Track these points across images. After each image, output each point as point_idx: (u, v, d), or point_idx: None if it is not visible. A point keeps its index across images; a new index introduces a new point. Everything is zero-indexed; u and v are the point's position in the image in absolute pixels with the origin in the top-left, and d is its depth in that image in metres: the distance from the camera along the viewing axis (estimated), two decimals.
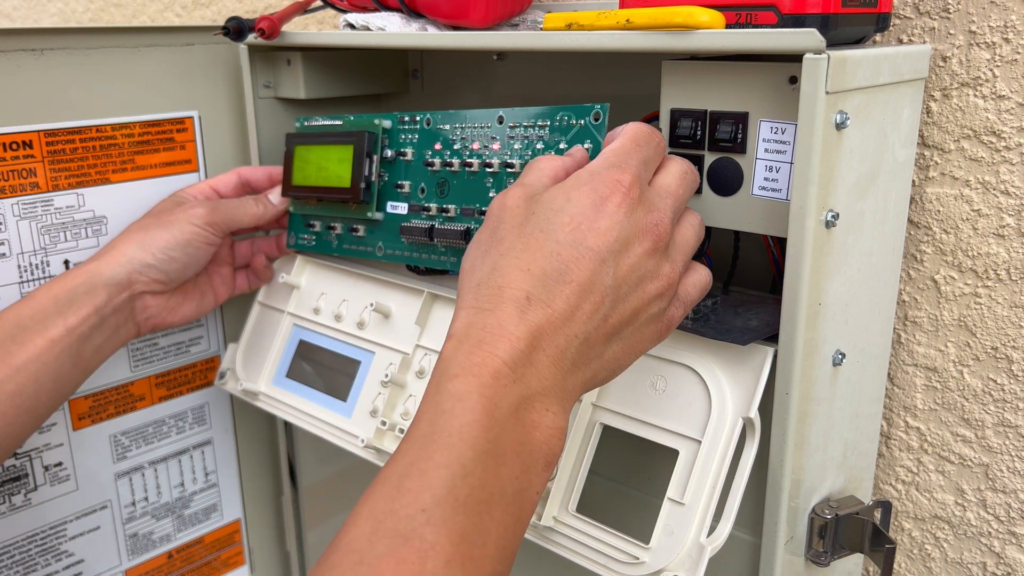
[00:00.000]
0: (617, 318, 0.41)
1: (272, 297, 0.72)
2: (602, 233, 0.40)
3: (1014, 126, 0.51)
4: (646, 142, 0.44)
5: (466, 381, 0.37)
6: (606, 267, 0.40)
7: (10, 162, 0.63)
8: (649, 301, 0.42)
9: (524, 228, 0.41)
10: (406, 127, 0.61)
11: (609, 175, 0.42)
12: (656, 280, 0.42)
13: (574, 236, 0.40)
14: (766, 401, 0.46)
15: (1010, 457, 0.55)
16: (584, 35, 0.48)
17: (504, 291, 0.39)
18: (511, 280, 0.39)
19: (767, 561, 0.48)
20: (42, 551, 0.70)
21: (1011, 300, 0.53)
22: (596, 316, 0.40)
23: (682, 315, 0.45)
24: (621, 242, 0.40)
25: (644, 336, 0.43)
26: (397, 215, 0.62)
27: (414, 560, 0.34)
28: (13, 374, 0.56)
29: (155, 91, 0.70)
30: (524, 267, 0.40)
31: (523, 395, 0.38)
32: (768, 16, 0.45)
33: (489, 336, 0.38)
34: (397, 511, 0.35)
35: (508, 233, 0.42)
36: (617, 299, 0.40)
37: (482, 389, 0.37)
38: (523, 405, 0.38)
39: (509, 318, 0.38)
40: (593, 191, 0.41)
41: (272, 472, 0.85)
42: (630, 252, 0.41)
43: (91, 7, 1.23)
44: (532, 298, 0.39)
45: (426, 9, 0.60)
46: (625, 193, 0.41)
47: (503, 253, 0.41)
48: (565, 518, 0.51)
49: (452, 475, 0.35)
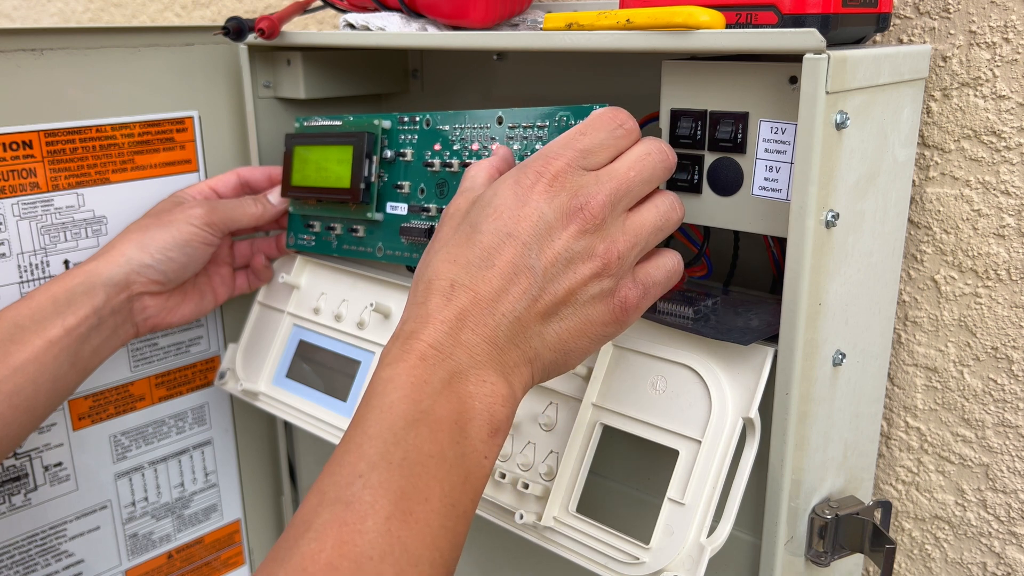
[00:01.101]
0: (549, 299, 0.42)
1: (272, 297, 0.72)
2: (522, 219, 0.42)
3: (1014, 126, 0.51)
4: (596, 128, 0.45)
5: (395, 367, 0.41)
6: (529, 251, 0.42)
7: (10, 162, 0.63)
8: (584, 281, 0.43)
9: (459, 227, 0.45)
10: (406, 127, 0.61)
11: (533, 166, 0.44)
12: (589, 261, 0.43)
13: (496, 224, 0.43)
14: (766, 401, 0.46)
15: (1010, 457, 0.55)
16: (584, 35, 0.48)
17: (432, 283, 0.43)
18: (439, 272, 0.43)
19: (767, 561, 0.48)
20: (42, 551, 0.70)
21: (1011, 300, 0.53)
22: (525, 297, 0.42)
23: (640, 296, 0.45)
24: (543, 227, 0.42)
25: (590, 317, 0.44)
26: (397, 215, 0.62)
27: (355, 520, 0.37)
28: (11, 374, 0.56)
29: (155, 91, 0.70)
30: (451, 259, 0.43)
31: (453, 370, 0.41)
32: (768, 16, 0.45)
33: (418, 325, 0.42)
34: (338, 482, 0.38)
35: (444, 235, 0.45)
36: (547, 280, 0.42)
37: (410, 370, 0.40)
38: (455, 379, 0.41)
39: (436, 306, 0.42)
40: (516, 183, 0.44)
41: (272, 472, 0.85)
42: (554, 236, 0.42)
43: (91, 7, 1.23)
44: (456, 284, 0.42)
45: (426, 9, 0.60)
46: (550, 180, 0.43)
47: (436, 251, 0.44)
48: (565, 518, 0.51)
49: (384, 442, 0.39)
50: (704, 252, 0.55)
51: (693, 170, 0.49)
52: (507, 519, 0.54)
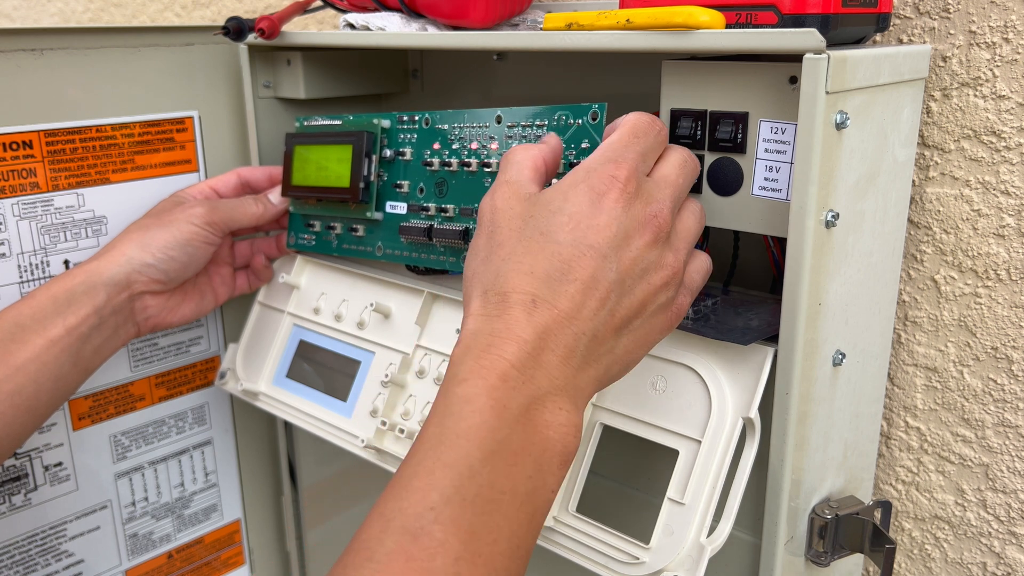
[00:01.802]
0: (624, 311, 0.41)
1: (272, 297, 0.72)
2: (601, 229, 0.40)
3: (1014, 126, 0.51)
4: (644, 133, 0.44)
5: (474, 384, 0.38)
6: (608, 262, 0.40)
7: (10, 162, 0.63)
8: (656, 291, 0.42)
9: (524, 231, 0.42)
10: (405, 127, 0.61)
11: (604, 170, 0.42)
12: (660, 270, 0.42)
13: (574, 235, 0.40)
14: (766, 401, 0.46)
15: (1010, 457, 0.55)
16: (584, 35, 0.48)
17: (510, 296, 0.40)
18: (516, 284, 0.40)
19: (767, 561, 0.48)
20: (42, 551, 0.70)
21: (1011, 300, 0.53)
22: (603, 311, 0.40)
23: (689, 302, 0.45)
24: (621, 236, 0.41)
25: (654, 326, 0.43)
26: (396, 215, 0.62)
27: (423, 557, 0.34)
28: (12, 374, 0.56)
29: (155, 91, 0.70)
30: (527, 270, 0.40)
31: (533, 395, 0.38)
32: (768, 16, 0.45)
33: (497, 340, 0.39)
34: (405, 509, 0.35)
35: (507, 238, 0.42)
36: (623, 292, 0.41)
37: (490, 391, 0.38)
38: (534, 405, 0.38)
39: (516, 321, 0.39)
40: (590, 188, 0.41)
41: (272, 472, 0.85)
42: (631, 245, 0.41)
43: (91, 7, 1.23)
44: (538, 300, 0.39)
45: (426, 9, 0.60)
46: (622, 188, 0.41)
47: (504, 258, 0.41)
48: (565, 518, 0.51)
49: (459, 474, 0.36)
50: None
51: None
52: None
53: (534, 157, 0.45)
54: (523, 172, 0.45)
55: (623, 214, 0.41)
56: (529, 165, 0.45)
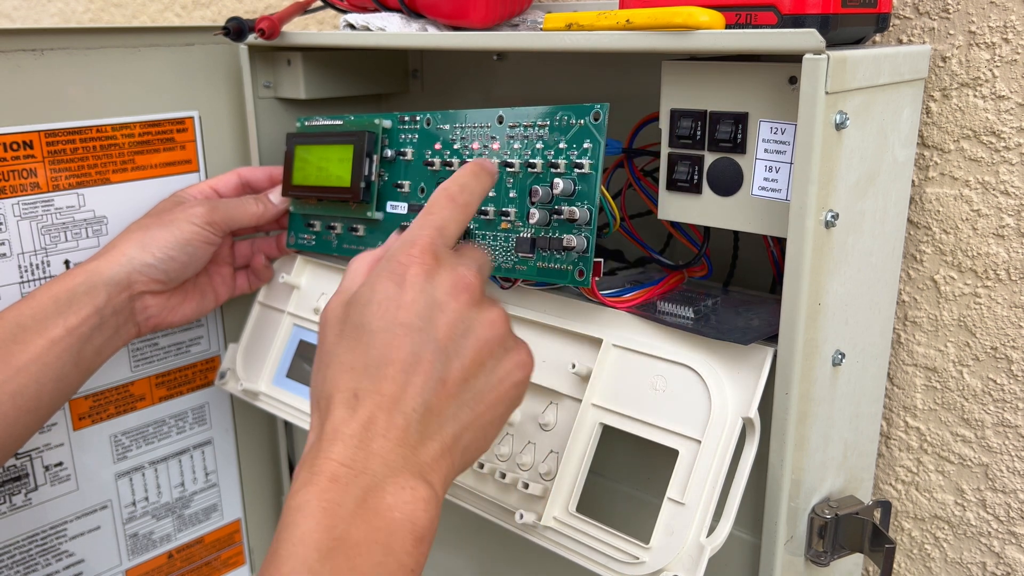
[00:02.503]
0: (456, 374, 0.42)
1: (272, 297, 0.72)
2: (409, 306, 0.42)
3: (1014, 126, 0.51)
4: (440, 206, 0.46)
5: (305, 492, 0.38)
6: (423, 335, 0.41)
7: (10, 162, 0.63)
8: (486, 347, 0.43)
9: (343, 332, 0.43)
10: (406, 127, 0.61)
11: (401, 252, 0.44)
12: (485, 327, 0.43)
13: (384, 320, 0.42)
14: (766, 401, 0.46)
15: (1010, 457, 0.55)
16: (584, 35, 0.48)
17: (333, 397, 0.41)
18: (339, 384, 0.41)
19: (767, 561, 0.48)
20: (42, 551, 0.70)
21: (1011, 300, 0.53)
22: (431, 381, 0.41)
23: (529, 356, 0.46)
24: (429, 307, 0.42)
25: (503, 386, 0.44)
26: (397, 215, 0.62)
27: None
28: (14, 374, 0.56)
29: (155, 91, 0.70)
30: (348, 367, 0.41)
31: (368, 486, 0.39)
32: (768, 16, 0.45)
33: (325, 443, 0.40)
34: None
35: (330, 344, 0.43)
36: (449, 356, 0.42)
37: (320, 494, 0.38)
38: (370, 494, 0.38)
39: (341, 419, 0.40)
40: (391, 272, 0.43)
41: (272, 472, 0.85)
42: (444, 311, 0.42)
43: (91, 7, 1.24)
44: (359, 392, 0.40)
45: (426, 9, 0.60)
46: (419, 263, 0.43)
47: (328, 362, 0.43)
48: (565, 518, 0.51)
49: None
50: (704, 252, 0.55)
51: (693, 170, 0.49)
52: (507, 519, 0.54)
53: (369, 261, 0.47)
54: (355, 279, 0.46)
55: (427, 285, 0.42)
56: (363, 270, 0.46)
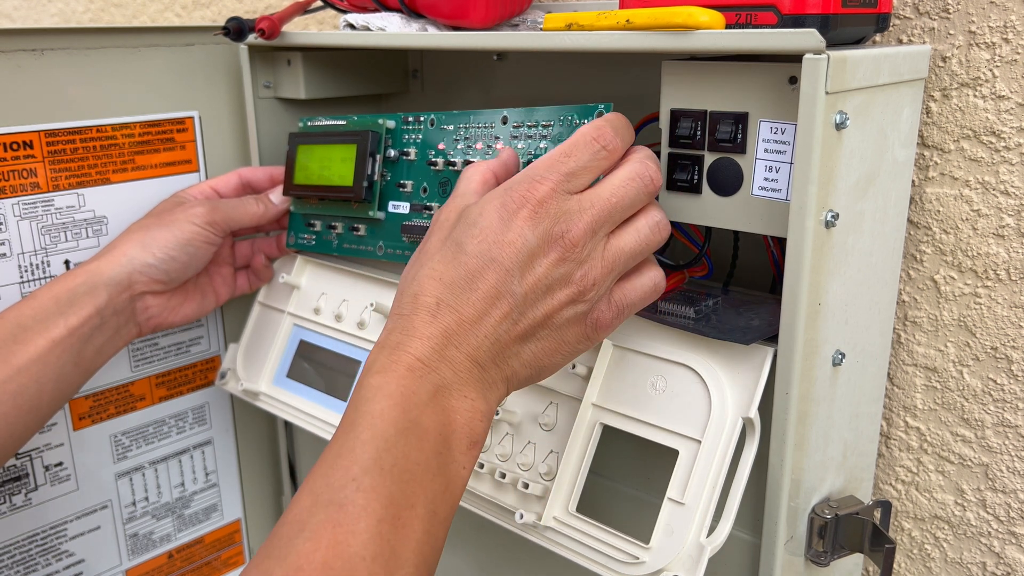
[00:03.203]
0: (527, 323, 0.44)
1: (272, 297, 0.72)
2: (506, 245, 0.43)
3: (1014, 126, 0.51)
4: (580, 150, 0.45)
5: (384, 376, 0.42)
6: (512, 277, 0.43)
7: (10, 162, 0.63)
8: (560, 307, 0.44)
9: (445, 241, 0.45)
10: (410, 127, 0.61)
11: (519, 189, 0.44)
12: (566, 287, 0.44)
13: (480, 248, 0.43)
14: (766, 401, 0.46)
15: (1010, 457, 0.55)
16: (584, 35, 0.48)
17: (419, 298, 0.44)
18: (425, 288, 0.44)
19: (767, 561, 0.48)
20: (42, 551, 0.70)
21: (1011, 300, 0.53)
22: (506, 321, 0.43)
23: (612, 317, 0.46)
24: (526, 254, 0.43)
25: (565, 338, 0.45)
26: (399, 214, 0.62)
27: (348, 522, 0.38)
28: (15, 374, 0.56)
29: (155, 91, 0.70)
30: (437, 276, 0.44)
31: (438, 384, 0.42)
32: (768, 16, 0.45)
33: (405, 338, 0.43)
34: (331, 483, 0.39)
35: (431, 247, 0.46)
36: (526, 306, 0.44)
37: (398, 380, 0.42)
38: (440, 393, 0.42)
39: (422, 321, 0.43)
40: (503, 206, 0.44)
41: (272, 472, 0.85)
42: (536, 263, 0.43)
43: (91, 7, 1.24)
44: (441, 303, 0.43)
45: (426, 9, 0.60)
46: (535, 206, 0.44)
47: (422, 264, 0.45)
48: (565, 518, 0.51)
49: (376, 448, 0.40)
50: (704, 252, 0.55)
51: (693, 170, 0.49)
52: (507, 519, 0.54)
53: (483, 172, 0.49)
54: (470, 185, 0.48)
55: (530, 233, 0.43)
56: (478, 179, 0.48)
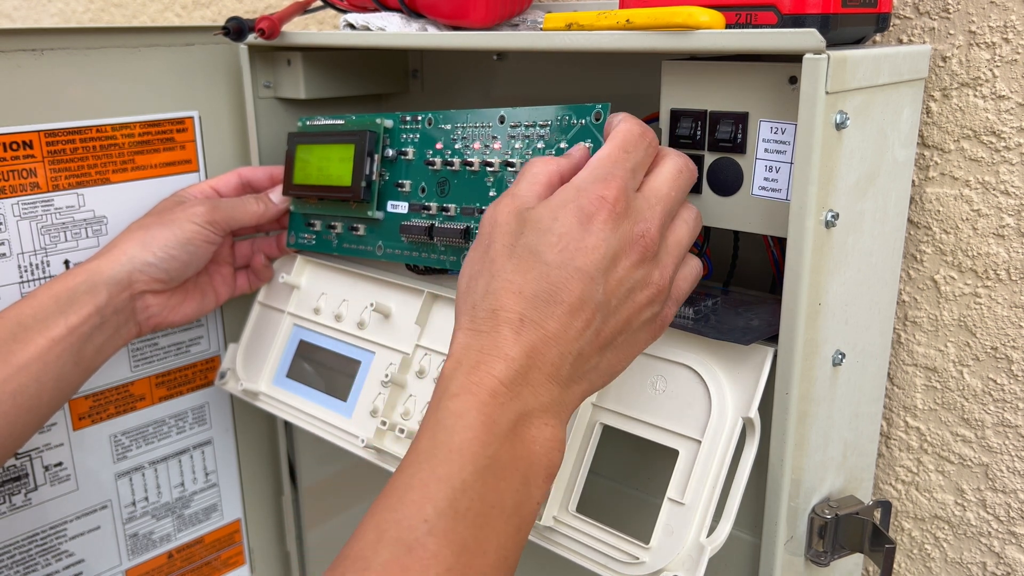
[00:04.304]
0: (610, 330, 0.42)
1: (272, 297, 0.72)
2: (589, 251, 0.41)
3: (1014, 126, 0.51)
4: (634, 146, 0.44)
5: (465, 400, 0.39)
6: (595, 284, 0.41)
7: (10, 162, 0.63)
8: (640, 309, 0.43)
9: (514, 249, 0.42)
10: (408, 127, 0.61)
11: (593, 190, 0.42)
12: (646, 288, 0.43)
13: (562, 257, 0.41)
14: (766, 401, 0.46)
15: (1010, 457, 0.55)
16: (584, 35, 0.48)
17: (499, 314, 0.41)
18: (504, 303, 0.41)
19: (767, 561, 0.48)
20: (42, 551, 0.70)
21: (1011, 300, 0.53)
22: (588, 331, 0.41)
23: (675, 311, 0.46)
24: (608, 258, 0.41)
25: (638, 340, 0.44)
26: (397, 214, 0.62)
27: (417, 568, 0.35)
28: (15, 373, 0.56)
29: (155, 91, 0.70)
30: (516, 289, 0.41)
31: (520, 411, 0.39)
32: (768, 16, 0.45)
33: (486, 357, 0.40)
34: (400, 521, 0.36)
35: (499, 254, 0.42)
36: (608, 313, 0.41)
37: (480, 407, 0.39)
38: (521, 421, 0.39)
39: (505, 339, 0.40)
40: (579, 209, 0.41)
41: (272, 472, 0.85)
42: (618, 266, 0.41)
43: (91, 7, 1.24)
44: (525, 319, 0.40)
45: (426, 9, 0.60)
46: (611, 208, 0.41)
47: (494, 274, 0.42)
48: (565, 518, 0.51)
49: (453, 488, 0.37)
50: (704, 252, 0.55)
51: None
52: None
53: (550, 173, 0.45)
54: (534, 187, 0.44)
55: (611, 235, 0.41)
56: (543, 180, 0.44)
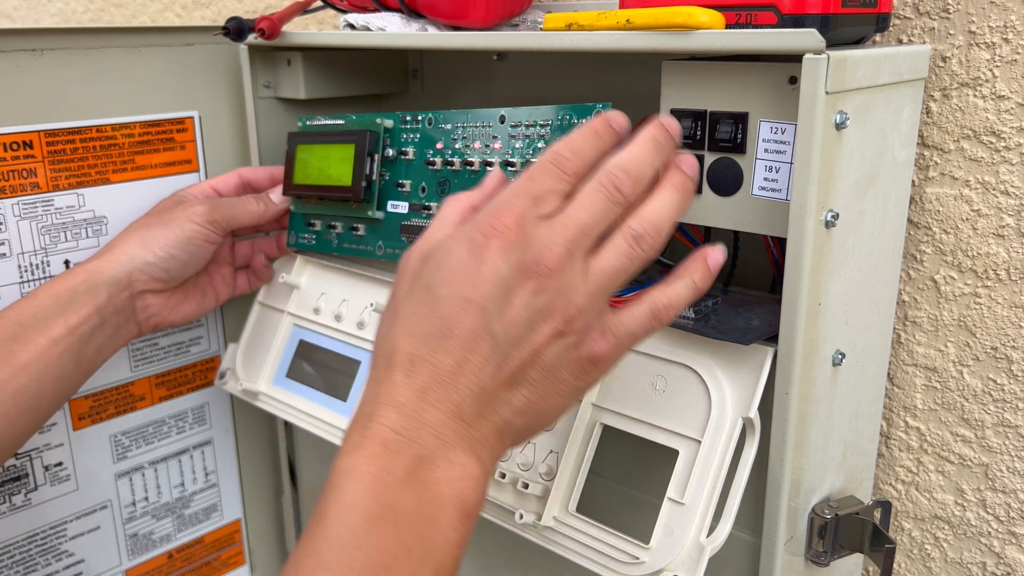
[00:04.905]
0: (513, 364, 0.39)
1: (272, 297, 0.72)
2: (480, 282, 0.39)
3: (1014, 126, 0.51)
4: (545, 173, 0.41)
5: (354, 456, 0.38)
6: (487, 316, 0.39)
7: (10, 162, 0.63)
8: (548, 341, 0.40)
9: (412, 289, 0.41)
10: (408, 126, 0.61)
11: (487, 220, 0.40)
12: (549, 319, 0.39)
13: (452, 290, 0.39)
14: (766, 401, 0.46)
15: (1010, 457, 0.55)
16: (584, 35, 0.48)
17: (392, 358, 0.40)
18: (398, 346, 0.40)
19: (767, 561, 0.48)
20: (42, 551, 0.70)
21: (1011, 300, 0.53)
22: (488, 366, 0.39)
23: (611, 348, 0.41)
24: (501, 288, 0.39)
25: (560, 376, 0.41)
26: (398, 214, 0.62)
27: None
28: (15, 373, 0.56)
29: (155, 91, 0.70)
30: (408, 330, 0.40)
31: (418, 456, 0.38)
32: (768, 16, 0.45)
33: (379, 407, 0.39)
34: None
35: (399, 298, 0.42)
36: (508, 345, 0.39)
37: (370, 459, 0.37)
38: (421, 465, 0.38)
39: (396, 385, 0.39)
40: (470, 240, 0.40)
41: (272, 472, 0.85)
42: (513, 296, 0.39)
43: (91, 7, 1.24)
44: (416, 359, 0.39)
45: (426, 9, 0.60)
46: (503, 237, 0.39)
47: (393, 319, 0.41)
48: (565, 518, 0.51)
49: (343, 547, 0.36)
50: None
51: None
52: (507, 519, 0.54)
53: (462, 209, 0.44)
54: (443, 228, 0.43)
55: (502, 264, 0.39)
56: (455, 219, 0.43)
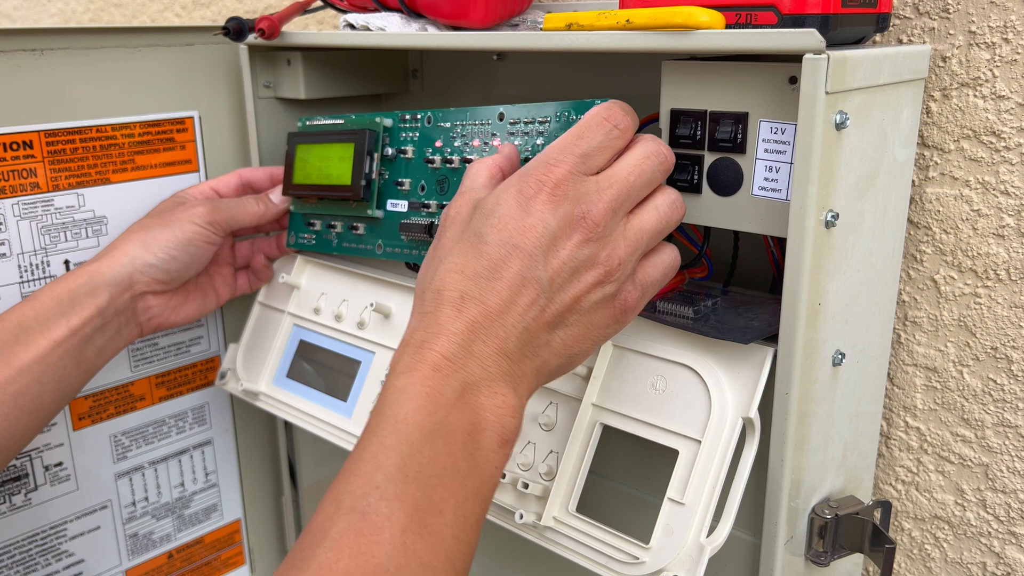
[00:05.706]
0: (556, 308, 0.43)
1: (272, 297, 0.72)
2: (527, 231, 0.42)
3: (1014, 126, 0.51)
4: (592, 131, 0.45)
5: (408, 376, 0.41)
6: (535, 262, 0.42)
7: (10, 162, 0.63)
8: (589, 289, 0.44)
9: (463, 234, 0.45)
10: (407, 125, 0.61)
11: (536, 173, 0.44)
12: (592, 269, 0.43)
13: (501, 236, 0.43)
14: (766, 401, 0.46)
15: (1010, 457, 0.55)
16: (584, 35, 0.48)
17: (442, 294, 0.43)
18: (447, 283, 0.43)
19: (767, 561, 0.48)
20: (42, 551, 0.70)
21: (1011, 300, 0.53)
22: (533, 309, 0.42)
23: (639, 297, 0.46)
24: (548, 237, 0.43)
25: (595, 322, 0.45)
26: (397, 212, 0.62)
27: (371, 531, 0.37)
28: (17, 375, 0.56)
29: (155, 91, 0.70)
30: (459, 270, 0.43)
31: (466, 382, 0.41)
32: (768, 16, 0.45)
33: (430, 335, 0.42)
34: (354, 491, 0.38)
35: (448, 240, 0.45)
36: (552, 291, 0.43)
37: (423, 380, 0.41)
38: (468, 390, 0.41)
39: (447, 317, 0.42)
40: (519, 192, 0.44)
41: (272, 472, 0.85)
42: (559, 246, 0.43)
43: (91, 7, 1.24)
44: (466, 296, 0.42)
45: (426, 9, 0.60)
46: (552, 189, 0.43)
47: (442, 259, 0.44)
48: (565, 518, 0.51)
49: (401, 454, 0.39)
50: (704, 252, 0.55)
51: (693, 170, 0.49)
52: (507, 519, 0.54)
53: (489, 166, 0.48)
54: (477, 180, 0.48)
55: (550, 216, 0.43)
56: (485, 174, 0.48)
